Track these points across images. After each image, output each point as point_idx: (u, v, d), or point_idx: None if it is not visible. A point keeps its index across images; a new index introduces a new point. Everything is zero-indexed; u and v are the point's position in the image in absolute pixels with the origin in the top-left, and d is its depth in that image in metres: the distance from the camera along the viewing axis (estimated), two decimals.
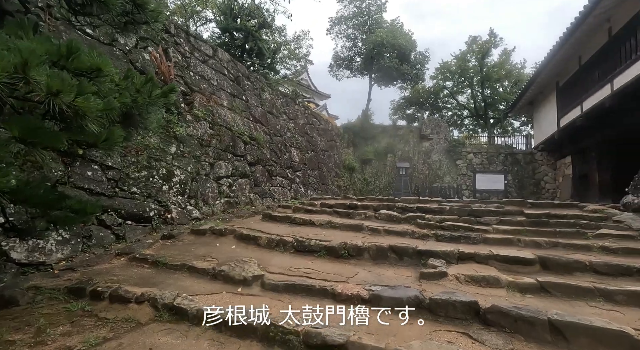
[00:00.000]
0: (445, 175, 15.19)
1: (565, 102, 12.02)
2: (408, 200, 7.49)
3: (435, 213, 6.10)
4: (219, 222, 5.52)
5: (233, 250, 4.26)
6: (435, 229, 5.01)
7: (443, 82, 20.48)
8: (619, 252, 3.60)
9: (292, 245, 4.27)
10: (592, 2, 8.50)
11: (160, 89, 2.30)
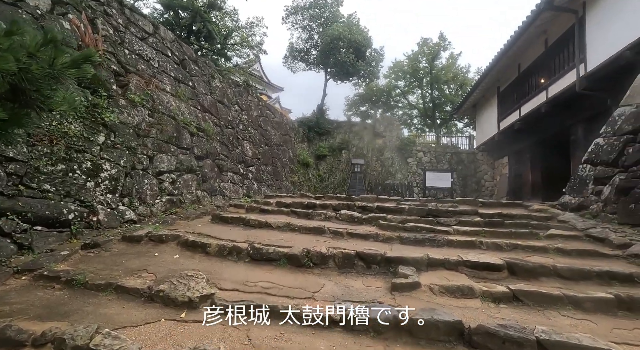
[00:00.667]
0: (397, 173, 15.58)
1: (505, 106, 12.94)
2: (367, 199, 7.34)
3: (395, 213, 5.99)
4: (158, 225, 4.76)
5: (176, 262, 3.62)
6: (398, 230, 4.85)
7: (395, 81, 21.04)
8: (573, 253, 3.72)
9: (247, 253, 3.76)
10: (531, 16, 9.08)
11: (69, 56, 1.64)
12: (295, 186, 12.98)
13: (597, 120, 8.46)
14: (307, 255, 3.60)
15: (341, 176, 15.73)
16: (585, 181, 5.91)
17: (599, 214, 5.21)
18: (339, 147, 16.14)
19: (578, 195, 5.94)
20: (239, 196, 8.28)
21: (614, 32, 7.16)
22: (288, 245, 3.94)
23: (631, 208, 4.58)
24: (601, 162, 5.62)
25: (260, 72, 27.92)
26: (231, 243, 4.00)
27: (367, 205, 6.32)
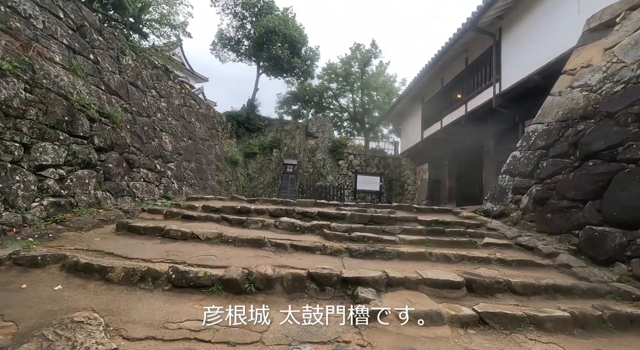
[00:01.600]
0: (329, 174, 15.55)
1: (428, 117, 13.93)
2: (305, 204, 6.86)
3: (338, 220, 5.64)
4: (32, 241, 3.45)
5: (57, 297, 2.56)
6: (345, 241, 4.47)
7: (328, 83, 21.17)
8: (513, 264, 3.82)
9: (167, 279, 2.90)
10: (458, 34, 9.83)
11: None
12: (222, 186, 11.82)
13: (506, 134, 9.57)
14: (248, 278, 2.92)
15: (271, 176, 15.02)
16: (505, 190, 6.43)
17: (519, 221, 5.68)
18: (270, 146, 15.39)
19: (499, 203, 6.44)
20: (155, 197, 6.98)
21: (525, 57, 8.08)
22: (222, 265, 3.20)
23: (548, 217, 5.04)
24: (519, 173, 6.16)
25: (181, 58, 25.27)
26: (144, 264, 3.07)
27: (307, 211, 5.83)
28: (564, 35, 6.82)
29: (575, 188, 4.72)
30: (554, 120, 5.89)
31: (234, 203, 6.62)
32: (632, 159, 4.05)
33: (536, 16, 7.86)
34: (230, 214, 5.53)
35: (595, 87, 5.26)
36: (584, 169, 4.75)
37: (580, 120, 5.24)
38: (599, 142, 4.65)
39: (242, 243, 4.07)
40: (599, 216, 4.20)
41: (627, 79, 4.67)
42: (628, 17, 5.24)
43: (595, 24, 5.88)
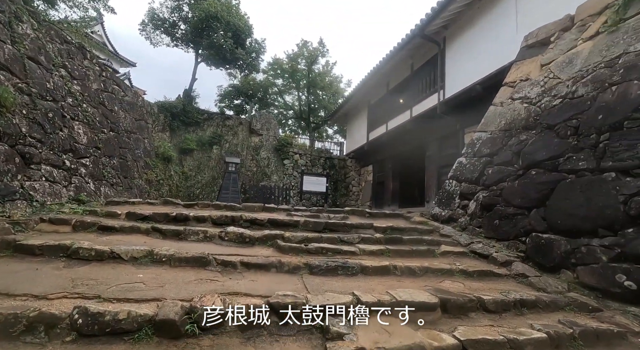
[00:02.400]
0: (273, 174, 14.87)
1: (374, 119, 14.15)
2: (252, 209, 6.21)
3: (290, 228, 5.15)
4: None
5: None
6: (302, 254, 4.00)
7: (274, 78, 20.37)
8: (475, 275, 3.76)
9: (71, 325, 2.10)
10: (406, 40, 10.04)
11: None
12: (152, 186, 10.40)
13: (448, 140, 10.05)
14: (190, 316, 2.27)
15: (211, 175, 13.80)
16: (452, 195, 6.60)
17: (467, 226, 5.82)
18: (209, 142, 14.12)
19: (447, 208, 6.58)
20: (62, 201, 5.66)
21: (467, 67, 8.50)
22: (154, 297, 2.49)
23: (495, 224, 5.20)
24: (465, 179, 6.35)
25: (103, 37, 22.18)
26: (35, 304, 2.22)
27: (256, 218, 5.22)
28: (504, 49, 7.27)
29: (521, 196, 4.92)
30: (497, 129, 6.17)
31: (167, 208, 5.69)
32: (572, 169, 4.29)
33: (478, 29, 8.30)
34: (163, 223, 4.67)
35: (534, 99, 5.60)
36: (528, 177, 4.97)
37: (522, 131, 5.53)
38: (541, 152, 4.90)
39: (179, 262, 3.33)
40: (544, 224, 4.40)
41: (564, 94, 5.01)
42: (561, 37, 5.68)
43: (532, 41, 6.30)
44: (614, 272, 3.32)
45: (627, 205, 3.48)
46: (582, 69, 4.92)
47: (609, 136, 4.01)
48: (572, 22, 5.59)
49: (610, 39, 4.65)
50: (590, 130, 4.27)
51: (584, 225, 3.85)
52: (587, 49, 4.99)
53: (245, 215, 5.26)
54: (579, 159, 4.25)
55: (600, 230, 3.67)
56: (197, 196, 13.43)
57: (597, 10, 5.11)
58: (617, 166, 3.74)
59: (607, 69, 4.46)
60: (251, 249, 4.16)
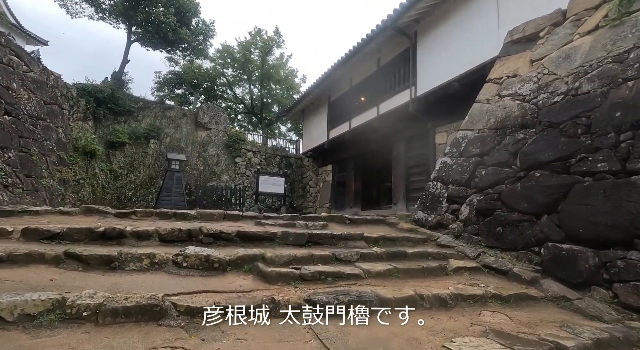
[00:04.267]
0: (224, 174, 13.24)
1: (335, 116, 13.39)
2: (211, 217, 4.94)
3: (266, 242, 4.05)
4: None
5: None
6: (296, 283, 2.96)
7: (223, 67, 18.44)
8: (511, 300, 3.08)
9: None
10: (376, 31, 9.42)
11: None
12: (69, 187, 8.24)
13: (417, 139, 9.66)
14: None
15: (147, 173, 11.71)
16: (438, 199, 6.04)
17: (461, 234, 5.27)
18: (145, 135, 12.00)
19: (433, 213, 6.00)
20: None
21: (442, 63, 8.11)
22: None
23: (498, 231, 4.69)
24: (453, 181, 5.83)
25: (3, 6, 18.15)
26: None
27: (222, 230, 3.99)
28: (484, 45, 6.96)
29: (527, 200, 4.46)
30: (486, 127, 5.75)
31: (91, 220, 4.16)
32: (589, 172, 3.90)
33: (455, 24, 7.96)
34: (84, 244, 3.22)
35: (528, 96, 5.25)
36: (531, 179, 4.54)
37: (519, 129, 5.13)
38: (545, 152, 4.50)
39: (114, 318, 2.05)
40: (561, 232, 3.95)
41: (565, 90, 4.68)
42: (553, 32, 5.42)
43: (517, 36, 6.01)
44: None
45: None
46: (583, 64, 4.62)
47: (632, 135, 3.66)
48: (564, 17, 5.35)
49: (614, 33, 4.39)
50: (607, 128, 3.91)
51: (614, 234, 3.42)
52: (587, 44, 4.72)
53: (206, 227, 4.00)
54: (597, 160, 3.86)
55: (637, 240, 3.25)
56: (130, 199, 11.30)
57: (594, 4, 4.88)
58: None
59: (617, 64, 4.17)
60: (223, 278, 2.98)
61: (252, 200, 13.05)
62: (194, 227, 4.03)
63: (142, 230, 3.70)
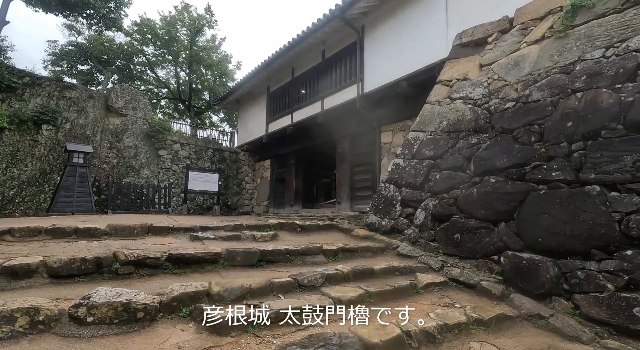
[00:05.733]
0: (144, 168, 11.33)
1: (275, 108, 12.54)
2: (130, 231, 3.88)
3: (207, 265, 3.23)
4: None
5: None
6: (258, 330, 2.25)
7: (142, 44, 15.78)
8: (492, 324, 2.84)
9: None
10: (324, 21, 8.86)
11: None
12: None
13: (362, 137, 9.43)
14: None
15: (38, 168, 9.29)
16: (391, 202, 5.82)
17: (417, 240, 5.09)
18: (35, 119, 9.49)
19: (387, 216, 5.76)
20: None
21: (392, 60, 7.92)
22: None
23: (456, 238, 4.59)
24: (407, 184, 5.66)
25: None
26: None
27: (146, 255, 3.03)
28: (434, 45, 6.90)
29: (484, 207, 4.42)
30: (438, 129, 5.67)
31: None
32: (544, 180, 3.95)
33: (403, 22, 7.82)
34: None
35: (479, 101, 5.27)
36: (487, 185, 4.52)
37: (472, 133, 5.11)
38: (500, 158, 4.51)
39: None
40: (520, 241, 3.95)
41: (516, 97, 4.76)
42: (501, 38, 5.52)
43: (467, 39, 6.05)
44: (629, 304, 2.96)
45: (623, 224, 3.19)
46: (532, 73, 4.73)
47: (583, 145, 3.77)
48: (511, 25, 5.48)
49: (560, 45, 4.56)
50: (560, 137, 4.00)
51: (573, 245, 3.48)
52: (535, 53, 4.85)
53: (123, 251, 2.98)
54: (552, 168, 3.93)
55: (594, 251, 3.33)
56: (12, 200, 8.89)
57: (540, 15, 5.04)
58: (602, 179, 3.47)
59: (564, 75, 4.31)
60: (151, 333, 2.13)
61: (180, 199, 11.49)
62: (105, 251, 2.99)
63: (20, 263, 2.56)
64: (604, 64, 3.94)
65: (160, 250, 3.24)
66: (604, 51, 4.02)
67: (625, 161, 3.36)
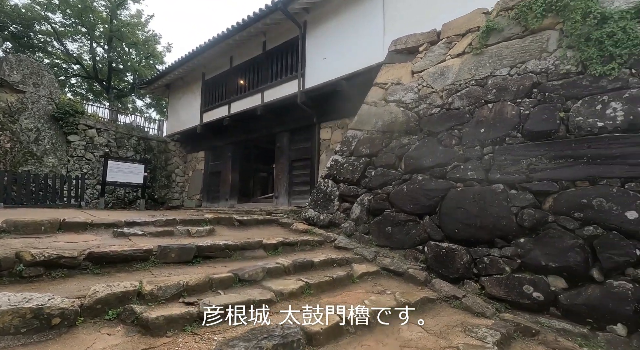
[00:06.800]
0: (48, 155, 9.70)
1: (211, 97, 11.89)
2: (36, 228, 3.39)
3: (135, 263, 2.98)
4: None
5: None
6: (198, 328, 2.17)
7: (46, 10, 13.33)
8: (418, 307, 3.16)
9: None
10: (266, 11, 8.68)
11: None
12: None
13: (302, 132, 9.52)
14: None
15: None
16: (330, 197, 6.03)
17: (353, 233, 5.37)
18: None
19: (325, 211, 5.95)
20: None
21: (333, 59, 8.14)
22: None
23: (388, 231, 4.97)
24: (345, 180, 5.92)
25: None
26: None
27: (60, 254, 2.67)
28: (372, 48, 7.28)
29: (412, 202, 4.87)
30: (374, 129, 6.03)
31: None
32: (461, 178, 4.51)
33: (345, 22, 8.07)
34: None
35: (410, 105, 5.75)
36: (415, 182, 4.97)
37: (404, 134, 5.55)
38: (427, 158, 5.00)
39: None
40: (441, 232, 4.45)
41: (441, 104, 5.31)
42: (430, 49, 6.08)
43: (401, 46, 6.52)
44: (521, 283, 3.57)
45: (518, 217, 3.83)
46: (454, 83, 5.32)
47: (492, 150, 4.39)
48: (438, 37, 6.05)
49: (477, 60, 5.20)
50: (475, 142, 4.60)
51: (482, 235, 4.05)
52: (457, 66, 5.46)
53: (30, 250, 2.58)
54: (467, 168, 4.50)
55: (497, 240, 3.93)
56: None
57: (462, 31, 5.67)
58: (505, 179, 4.10)
59: (479, 87, 4.95)
60: (70, 341, 1.90)
61: (97, 191, 10.18)
62: (3, 251, 2.55)
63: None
64: (509, 80, 4.62)
65: (78, 249, 2.88)
66: (509, 70, 4.71)
67: (522, 164, 4.02)
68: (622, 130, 3.45)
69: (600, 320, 3.07)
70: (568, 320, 3.23)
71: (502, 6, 5.07)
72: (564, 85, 4.06)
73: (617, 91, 3.61)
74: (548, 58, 4.35)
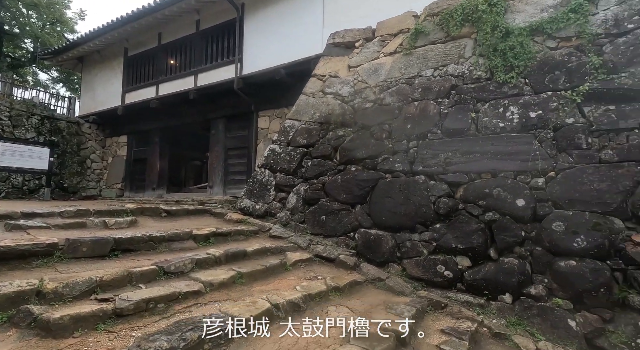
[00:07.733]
0: None
1: (135, 76, 10.75)
2: None
3: (35, 259, 2.65)
4: None
5: None
6: (113, 325, 2.00)
7: None
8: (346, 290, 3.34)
9: None
10: None
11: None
12: None
13: (238, 120, 9.19)
14: None
15: None
16: (266, 186, 5.98)
17: (289, 222, 5.42)
18: None
19: (261, 201, 5.89)
20: None
21: (271, 46, 7.96)
22: None
23: (322, 219, 5.12)
24: (281, 169, 5.92)
25: None
26: None
27: None
28: (311, 39, 7.29)
29: (345, 192, 5.08)
30: (312, 120, 6.12)
31: None
32: (389, 170, 4.84)
33: (284, 11, 7.92)
34: None
35: (347, 98, 5.94)
36: (349, 173, 5.20)
37: (340, 126, 5.73)
38: (360, 150, 5.25)
39: None
40: (370, 220, 4.74)
41: (374, 99, 5.59)
42: (366, 46, 6.33)
43: (339, 40, 6.65)
44: (435, 263, 4.00)
45: (435, 205, 4.27)
46: (386, 80, 5.64)
47: (417, 144, 4.79)
48: (373, 35, 6.30)
49: (406, 60, 5.58)
50: (402, 136, 4.96)
51: (406, 221, 4.42)
52: (389, 64, 5.78)
53: None
54: (395, 161, 4.84)
55: (418, 225, 4.34)
56: None
57: (394, 32, 5.99)
58: (426, 171, 4.52)
59: (407, 85, 5.33)
60: None
61: None
62: None
63: None
64: (433, 81, 5.06)
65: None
66: (433, 71, 5.15)
67: (440, 158, 4.47)
68: (516, 131, 4.05)
69: (493, 292, 3.62)
70: (470, 293, 3.74)
71: (429, 11, 5.47)
72: (476, 89, 4.59)
73: (515, 97, 4.22)
74: (464, 63, 4.86)
